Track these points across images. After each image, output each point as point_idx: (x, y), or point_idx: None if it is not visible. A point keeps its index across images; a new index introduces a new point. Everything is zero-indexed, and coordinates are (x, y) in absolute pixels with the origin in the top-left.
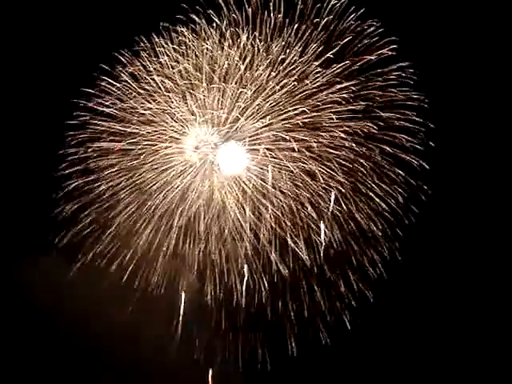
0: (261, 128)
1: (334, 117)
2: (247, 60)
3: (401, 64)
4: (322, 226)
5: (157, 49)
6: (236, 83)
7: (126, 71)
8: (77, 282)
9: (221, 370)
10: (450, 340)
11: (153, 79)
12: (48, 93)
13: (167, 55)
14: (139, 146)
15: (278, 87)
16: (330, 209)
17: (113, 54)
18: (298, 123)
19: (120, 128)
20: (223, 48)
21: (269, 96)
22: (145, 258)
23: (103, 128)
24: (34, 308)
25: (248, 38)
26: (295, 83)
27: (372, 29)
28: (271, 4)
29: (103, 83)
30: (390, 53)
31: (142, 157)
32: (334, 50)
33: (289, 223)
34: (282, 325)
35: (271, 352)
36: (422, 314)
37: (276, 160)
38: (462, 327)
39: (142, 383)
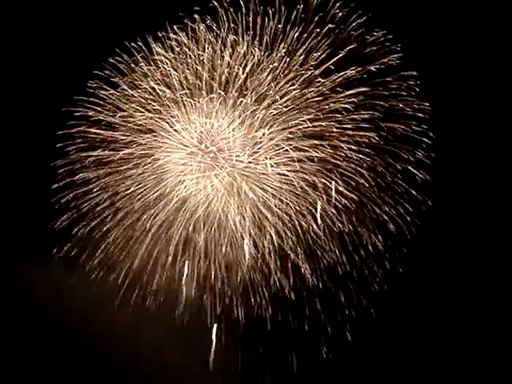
0: (260, 137)
1: (335, 126)
2: (247, 68)
3: (404, 73)
4: (322, 233)
5: (155, 57)
6: (236, 92)
7: (126, 80)
8: (76, 284)
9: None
10: (453, 352)
11: (152, 88)
12: (44, 101)
13: (166, 63)
14: (138, 155)
15: (278, 97)
16: (332, 204)
17: (110, 61)
18: (298, 132)
19: (118, 137)
20: (223, 57)
21: (269, 105)
22: (144, 269)
23: (101, 137)
24: (34, 308)
25: (248, 47)
26: (296, 92)
27: (375, 37)
28: (271, 12)
29: (102, 91)
30: (393, 62)
31: (140, 166)
32: (336, 59)
33: (289, 234)
34: (283, 336)
35: (271, 364)
36: (424, 326)
37: (276, 169)
38: (464, 339)
39: (142, 383)
